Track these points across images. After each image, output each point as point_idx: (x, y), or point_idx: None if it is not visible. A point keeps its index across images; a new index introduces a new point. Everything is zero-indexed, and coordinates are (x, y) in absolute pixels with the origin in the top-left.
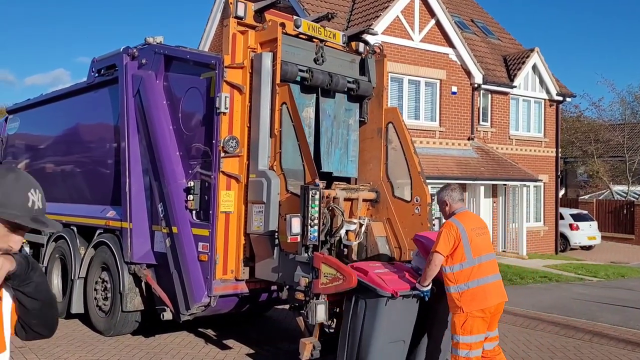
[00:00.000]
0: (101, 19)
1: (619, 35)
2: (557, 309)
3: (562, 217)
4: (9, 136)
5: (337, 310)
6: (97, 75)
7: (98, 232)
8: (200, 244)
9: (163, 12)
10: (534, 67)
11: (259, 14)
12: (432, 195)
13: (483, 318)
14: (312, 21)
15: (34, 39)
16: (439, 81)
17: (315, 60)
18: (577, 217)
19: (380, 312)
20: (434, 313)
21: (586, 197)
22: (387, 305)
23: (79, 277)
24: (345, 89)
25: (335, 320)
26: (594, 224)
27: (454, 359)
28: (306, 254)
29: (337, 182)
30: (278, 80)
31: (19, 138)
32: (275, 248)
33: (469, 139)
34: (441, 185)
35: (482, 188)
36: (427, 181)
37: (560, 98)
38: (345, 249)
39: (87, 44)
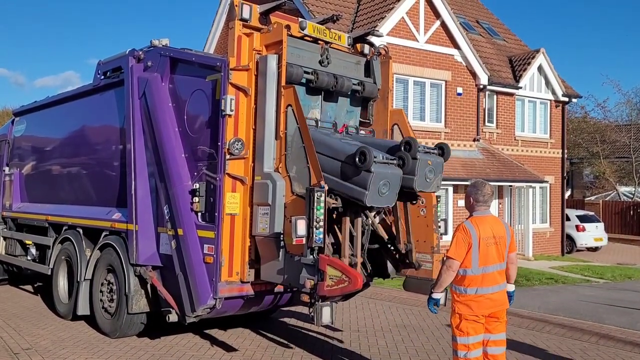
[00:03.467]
0: (109, 20)
1: (624, 36)
2: (564, 311)
3: (568, 219)
4: (15, 138)
5: None
6: (102, 77)
7: (104, 234)
8: (205, 245)
9: (168, 15)
10: (540, 68)
11: (264, 16)
12: (437, 197)
13: (477, 321)
14: (317, 23)
15: (44, 41)
16: (444, 82)
17: (321, 62)
18: (583, 219)
19: None
20: None
21: (592, 198)
22: None
23: (84, 279)
24: (350, 91)
25: None
26: (601, 225)
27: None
28: (311, 256)
29: None
30: (283, 83)
31: (25, 140)
32: (281, 250)
33: (474, 140)
34: (447, 187)
35: None
36: None
37: (566, 99)
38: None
39: (97, 46)
